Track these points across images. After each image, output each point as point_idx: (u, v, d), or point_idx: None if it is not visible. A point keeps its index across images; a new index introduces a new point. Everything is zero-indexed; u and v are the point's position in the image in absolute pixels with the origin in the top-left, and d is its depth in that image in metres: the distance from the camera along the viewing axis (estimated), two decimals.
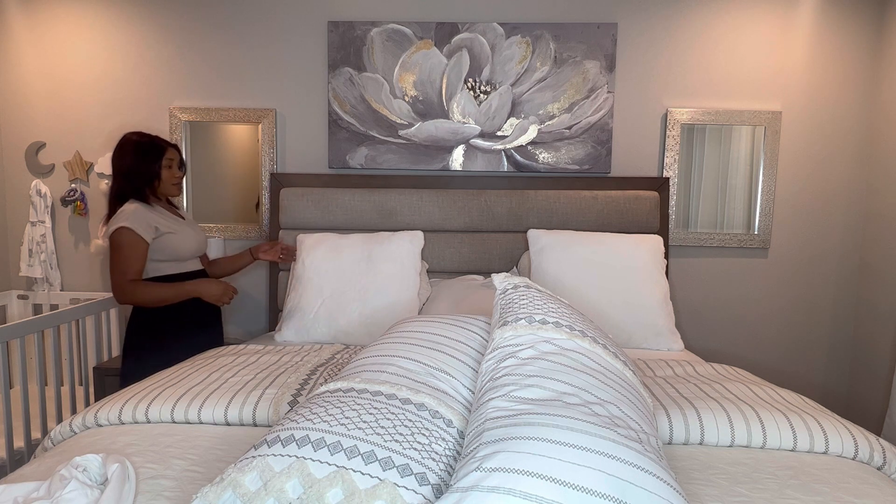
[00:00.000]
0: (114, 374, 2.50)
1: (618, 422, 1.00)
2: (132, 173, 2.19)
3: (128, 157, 2.20)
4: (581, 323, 1.31)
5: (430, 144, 2.82)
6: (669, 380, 1.67)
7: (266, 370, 1.68)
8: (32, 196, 2.85)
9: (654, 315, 2.28)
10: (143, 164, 2.20)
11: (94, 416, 1.44)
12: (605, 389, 1.10)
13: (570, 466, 0.85)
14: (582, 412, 0.99)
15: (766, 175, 2.80)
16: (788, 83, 2.79)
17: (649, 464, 0.90)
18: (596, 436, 0.92)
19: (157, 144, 2.25)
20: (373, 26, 2.77)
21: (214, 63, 2.85)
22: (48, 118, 2.90)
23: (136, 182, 2.20)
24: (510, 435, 0.92)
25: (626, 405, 1.07)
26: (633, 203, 2.68)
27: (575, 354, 1.18)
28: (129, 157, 2.20)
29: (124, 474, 1.10)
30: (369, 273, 2.34)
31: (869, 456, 1.30)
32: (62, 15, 2.85)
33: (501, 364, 1.16)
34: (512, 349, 1.19)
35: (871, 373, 2.76)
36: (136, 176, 2.20)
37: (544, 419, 0.95)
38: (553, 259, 2.39)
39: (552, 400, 1.03)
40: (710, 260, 2.89)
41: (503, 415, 1.00)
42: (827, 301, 2.89)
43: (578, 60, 2.76)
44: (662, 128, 2.83)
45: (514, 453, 0.87)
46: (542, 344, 1.19)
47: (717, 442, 1.35)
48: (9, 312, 2.93)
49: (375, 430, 1.01)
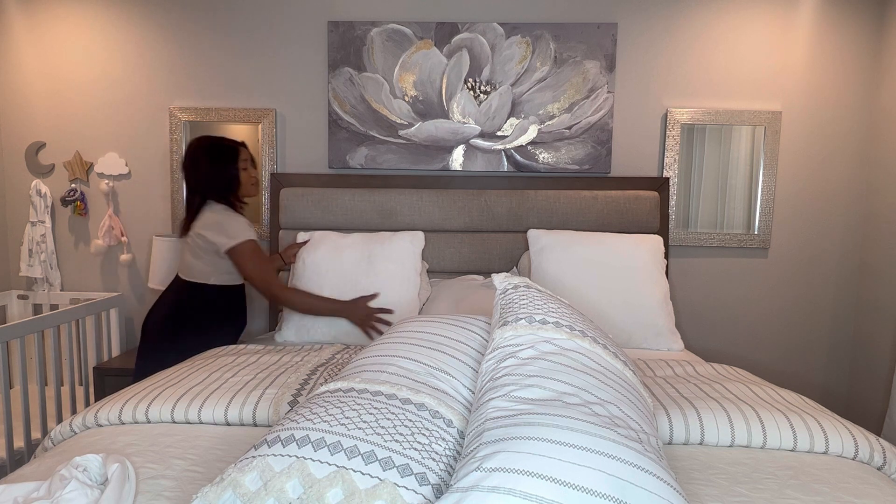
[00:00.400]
0: (114, 375, 2.50)
1: (618, 422, 1.00)
2: (211, 180, 2.20)
3: (202, 164, 2.20)
4: (581, 323, 1.31)
5: (430, 144, 2.82)
6: (669, 380, 1.67)
7: (266, 370, 1.68)
8: (32, 196, 2.85)
9: (654, 315, 2.28)
10: (219, 169, 2.20)
11: (94, 416, 1.44)
12: (605, 389, 1.10)
13: (570, 466, 0.85)
14: (582, 412, 0.99)
15: (766, 175, 2.80)
16: (788, 83, 2.79)
17: (649, 464, 0.90)
18: (596, 436, 0.92)
19: (227, 146, 2.24)
20: (373, 26, 2.77)
21: (214, 63, 2.85)
22: (48, 118, 2.90)
23: (217, 189, 2.20)
24: (510, 435, 0.92)
25: (626, 405, 1.07)
26: (633, 203, 2.68)
27: (575, 354, 1.18)
28: (203, 164, 2.20)
29: (124, 474, 1.10)
30: (370, 273, 2.34)
31: (869, 456, 1.30)
32: (62, 15, 2.85)
33: (501, 364, 1.16)
34: (512, 349, 1.19)
35: (871, 373, 2.76)
36: (215, 182, 2.20)
37: (544, 419, 0.95)
38: (553, 259, 2.39)
39: (552, 400, 1.03)
40: (710, 260, 2.89)
41: (503, 415, 1.00)
42: (827, 301, 2.89)
43: (578, 60, 2.76)
44: (662, 128, 2.83)
45: (514, 453, 0.87)
46: (542, 344, 1.19)
47: (717, 442, 1.35)
48: (9, 312, 2.93)
49: (376, 430, 1.01)
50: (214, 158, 2.21)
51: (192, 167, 2.22)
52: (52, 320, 2.32)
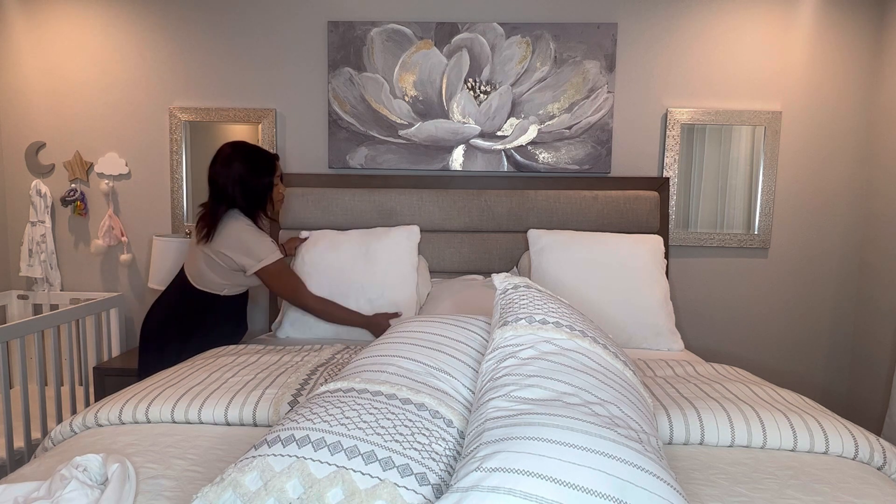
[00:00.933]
0: (114, 375, 2.50)
1: (618, 422, 1.00)
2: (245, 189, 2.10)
3: (237, 169, 2.08)
4: (581, 323, 1.31)
5: (430, 144, 2.82)
6: (669, 380, 1.67)
7: (266, 370, 1.68)
8: (32, 196, 2.85)
9: (654, 315, 2.28)
10: (255, 178, 2.11)
11: (95, 416, 1.44)
12: (605, 389, 1.10)
13: (570, 466, 0.85)
14: (582, 412, 0.99)
15: (766, 175, 2.80)
16: (788, 83, 2.79)
17: (649, 464, 0.90)
18: (596, 436, 0.92)
19: (266, 155, 2.15)
20: (373, 26, 2.77)
21: (214, 63, 2.85)
22: (48, 118, 2.90)
23: (248, 199, 2.11)
24: (510, 435, 0.92)
25: (626, 405, 1.07)
26: (633, 203, 2.68)
27: (575, 354, 1.18)
28: (238, 169, 2.08)
29: (124, 474, 1.10)
30: (367, 269, 2.35)
31: (869, 456, 1.30)
32: (62, 15, 2.85)
33: (502, 364, 1.16)
34: (512, 349, 1.19)
35: (871, 373, 2.76)
36: (248, 192, 2.10)
37: (544, 419, 0.95)
38: (553, 259, 2.39)
39: (552, 400, 1.03)
40: (710, 260, 2.89)
41: (503, 415, 1.00)
42: (827, 301, 2.89)
43: (578, 60, 2.76)
44: (662, 128, 2.83)
45: (514, 453, 0.87)
46: (542, 344, 1.19)
47: (718, 442, 1.35)
48: (9, 312, 2.93)
49: (376, 430, 1.01)
50: (252, 166, 2.11)
51: (225, 171, 2.10)
52: (52, 320, 2.31)
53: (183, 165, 2.87)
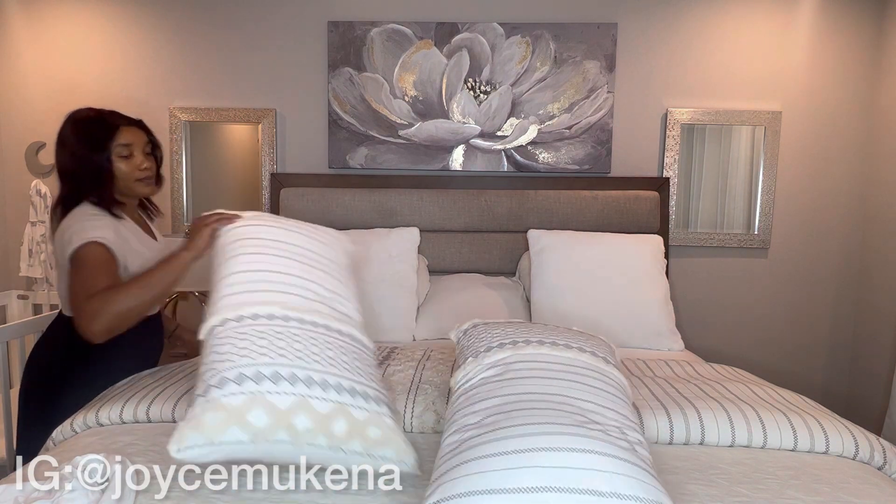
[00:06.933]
0: None
1: (563, 409, 1.06)
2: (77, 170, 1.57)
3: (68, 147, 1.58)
4: (529, 333, 1.35)
5: (430, 144, 2.82)
6: (670, 380, 1.67)
7: None
8: (32, 196, 2.85)
9: (654, 315, 2.28)
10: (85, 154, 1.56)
11: (95, 416, 1.44)
12: (549, 384, 1.15)
13: (507, 472, 0.92)
14: (524, 416, 1.05)
15: (765, 175, 2.80)
16: (788, 83, 2.79)
17: (589, 443, 0.96)
18: (530, 435, 0.98)
19: (105, 123, 1.58)
20: (373, 26, 2.76)
21: (214, 63, 2.85)
22: (48, 118, 2.90)
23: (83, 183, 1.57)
24: (451, 465, 0.99)
25: (575, 389, 1.14)
26: (633, 203, 2.68)
27: (520, 364, 1.24)
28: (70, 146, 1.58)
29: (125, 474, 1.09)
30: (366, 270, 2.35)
31: (869, 456, 1.31)
32: (62, 15, 2.85)
33: (454, 405, 1.22)
34: (463, 388, 1.25)
35: (871, 373, 2.76)
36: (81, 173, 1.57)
37: (481, 439, 1.02)
38: (553, 259, 2.38)
39: (493, 415, 1.08)
40: (710, 260, 2.89)
41: (450, 449, 1.05)
42: (827, 301, 2.89)
43: (578, 60, 2.76)
44: (662, 128, 2.83)
45: (450, 482, 0.95)
46: (486, 371, 1.25)
47: (718, 442, 1.35)
48: (9, 312, 2.93)
49: (332, 363, 1.19)
50: (82, 139, 1.57)
51: (61, 153, 1.60)
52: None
53: (183, 165, 2.87)
